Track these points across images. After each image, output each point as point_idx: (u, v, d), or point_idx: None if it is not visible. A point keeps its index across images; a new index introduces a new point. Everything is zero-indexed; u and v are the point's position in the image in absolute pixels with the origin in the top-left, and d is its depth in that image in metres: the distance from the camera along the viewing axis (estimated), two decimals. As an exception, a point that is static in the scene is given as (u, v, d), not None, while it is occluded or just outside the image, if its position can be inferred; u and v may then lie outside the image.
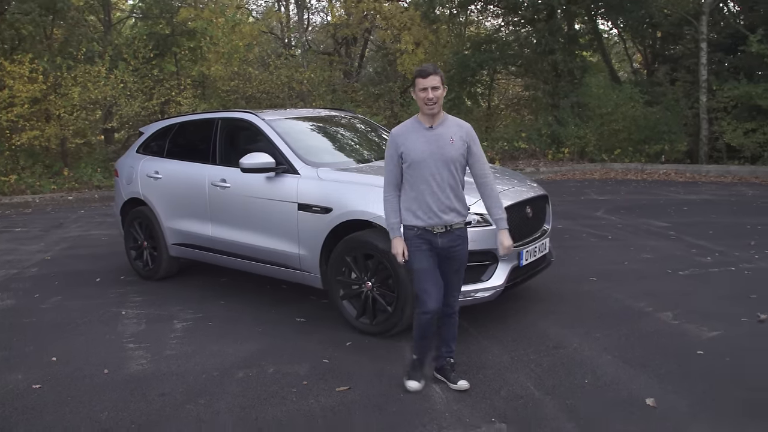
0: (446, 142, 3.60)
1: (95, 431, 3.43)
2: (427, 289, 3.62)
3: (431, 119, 3.64)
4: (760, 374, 3.93)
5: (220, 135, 5.91)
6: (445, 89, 3.64)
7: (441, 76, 3.59)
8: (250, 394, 3.81)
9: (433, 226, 3.62)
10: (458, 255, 3.72)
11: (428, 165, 3.58)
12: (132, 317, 5.41)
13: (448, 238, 3.65)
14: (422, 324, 3.70)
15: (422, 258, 3.65)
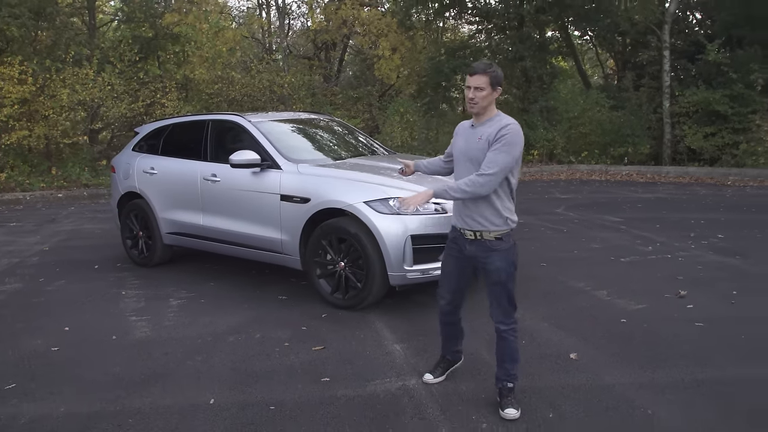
0: (474, 141, 3.48)
1: (110, 381, 4.12)
2: (442, 293, 3.78)
3: (476, 118, 3.52)
4: (665, 335, 4.70)
5: (211, 135, 6.61)
6: (494, 92, 3.43)
7: (491, 76, 3.40)
8: (240, 353, 4.52)
9: (463, 230, 3.56)
10: (491, 269, 3.50)
11: (460, 164, 3.57)
12: (132, 297, 6.08)
13: (476, 248, 3.52)
14: (442, 324, 3.94)
15: (448, 262, 3.72)
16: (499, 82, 3.44)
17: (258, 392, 3.88)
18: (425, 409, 3.62)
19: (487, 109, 3.46)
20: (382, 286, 5.23)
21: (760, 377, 3.94)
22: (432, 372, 3.96)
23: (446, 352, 4.02)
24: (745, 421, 3.40)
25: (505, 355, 3.59)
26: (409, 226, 5.09)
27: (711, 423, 3.40)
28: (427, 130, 17.78)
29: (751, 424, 3.38)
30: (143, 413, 3.65)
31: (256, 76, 17.46)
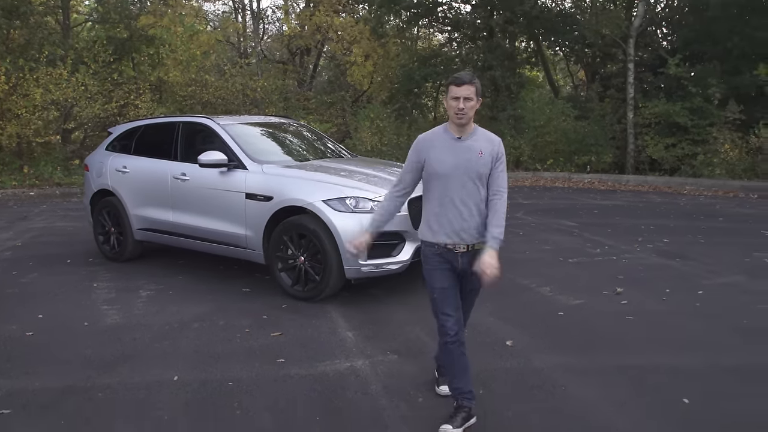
0: (475, 155, 3.37)
1: (82, 361, 4.45)
2: (448, 312, 3.46)
3: (461, 130, 3.41)
4: (596, 327, 5.15)
5: (181, 136, 6.95)
6: (479, 101, 3.38)
7: (477, 86, 3.35)
8: (204, 338, 4.88)
9: (455, 244, 3.43)
10: (474, 277, 3.45)
11: (453, 179, 3.38)
12: (103, 288, 6.40)
13: (468, 259, 3.44)
14: (450, 353, 3.49)
15: (442, 278, 3.48)
16: (482, 94, 3.46)
17: (218, 371, 4.25)
18: (369, 385, 4.01)
19: (471, 120, 3.42)
20: (339, 279, 5.63)
21: (671, 363, 4.39)
22: (450, 422, 3.42)
23: (460, 394, 3.51)
24: (651, 398, 3.84)
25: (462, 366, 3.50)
26: (364, 223, 5.45)
27: (621, 399, 3.83)
28: (397, 135, 18.20)
29: (655, 399, 3.81)
30: (112, 388, 4.00)
31: (229, 79, 17.78)
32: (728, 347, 4.73)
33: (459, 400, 3.50)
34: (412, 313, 5.49)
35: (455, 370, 3.50)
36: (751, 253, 7.86)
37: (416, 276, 6.52)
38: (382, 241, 5.51)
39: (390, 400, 3.81)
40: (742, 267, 7.18)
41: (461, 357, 3.49)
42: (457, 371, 3.50)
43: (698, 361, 4.41)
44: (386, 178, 6.24)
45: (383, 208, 3.69)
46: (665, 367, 4.29)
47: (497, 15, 19.13)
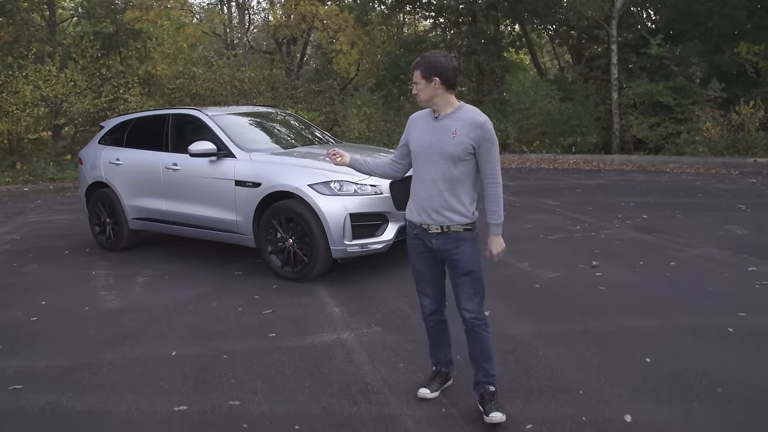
0: (448, 135, 3.31)
1: (85, 341, 4.74)
2: (424, 291, 3.62)
3: (437, 110, 3.38)
4: (569, 297, 5.46)
5: (172, 127, 7.22)
6: (431, 83, 3.28)
7: (421, 69, 3.30)
8: (199, 318, 5.18)
9: (429, 225, 3.42)
10: (459, 260, 3.42)
11: (425, 157, 3.38)
12: (101, 276, 6.68)
13: (443, 240, 3.41)
14: (430, 329, 3.70)
15: (417, 260, 3.58)
16: (435, 72, 3.27)
17: (213, 345, 4.54)
18: (354, 355, 4.32)
19: (437, 100, 3.33)
20: (326, 259, 5.92)
21: (636, 326, 4.70)
22: (428, 386, 3.66)
23: (438, 363, 3.76)
24: (614, 357, 4.15)
25: (481, 354, 3.51)
26: (348, 205, 5.79)
27: (586, 358, 4.14)
28: (385, 121, 18.45)
29: (618, 358, 4.12)
30: (114, 364, 4.29)
31: (217, 71, 17.98)
32: (692, 311, 5.04)
33: (437, 367, 3.74)
34: (395, 289, 5.79)
35: (436, 344, 3.73)
36: (724, 226, 8.16)
37: (400, 255, 6.85)
38: (365, 221, 5.83)
39: (373, 367, 4.12)
40: (714, 239, 7.48)
41: (440, 332, 3.68)
42: (437, 344, 3.72)
43: (662, 324, 4.72)
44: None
45: (377, 160, 3.85)
46: (630, 330, 4.60)
47: (480, 0, 19.34)
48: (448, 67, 3.31)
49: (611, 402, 3.54)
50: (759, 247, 6.92)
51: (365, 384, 3.87)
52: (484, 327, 3.50)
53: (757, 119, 15.57)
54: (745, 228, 7.98)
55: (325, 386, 3.85)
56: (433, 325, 3.67)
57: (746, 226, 8.10)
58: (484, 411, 3.39)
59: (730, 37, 17.52)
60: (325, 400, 3.66)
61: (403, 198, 6.00)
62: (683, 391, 3.64)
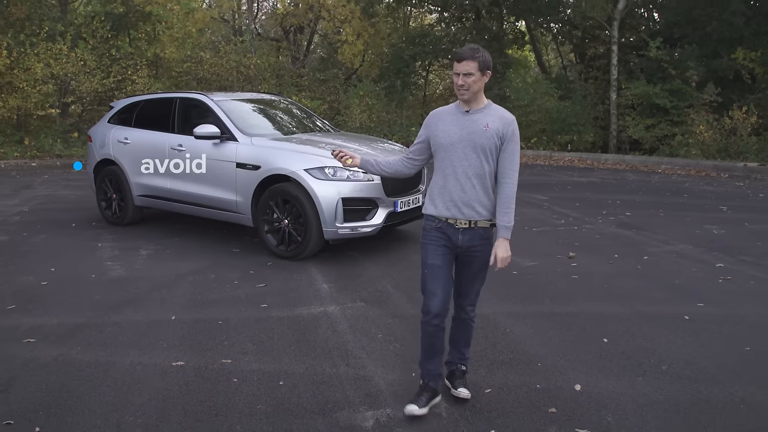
0: (480, 128, 3.33)
1: (92, 304, 5.15)
2: (433, 290, 3.41)
3: (468, 104, 3.37)
4: (543, 283, 5.86)
5: (178, 110, 7.60)
6: (485, 76, 3.31)
7: (479, 61, 3.26)
8: (197, 288, 5.59)
9: (456, 219, 3.38)
10: (478, 257, 3.45)
11: (456, 150, 3.35)
12: (107, 247, 7.08)
13: (470, 236, 3.40)
14: (427, 333, 3.48)
15: (436, 254, 3.43)
16: (488, 66, 3.31)
17: (210, 312, 4.96)
18: (337, 325, 4.73)
19: (478, 95, 3.36)
20: (319, 239, 6.33)
21: (600, 311, 5.10)
22: (416, 402, 3.43)
23: (427, 376, 3.55)
24: (575, 336, 4.55)
25: (462, 340, 3.68)
26: (341, 190, 6.19)
27: (549, 336, 4.55)
28: (386, 113, 18.81)
29: (578, 337, 4.52)
30: (119, 324, 4.70)
31: (224, 56, 18.34)
32: (654, 300, 5.44)
33: (426, 380, 3.53)
34: (381, 270, 6.19)
35: (429, 351, 3.52)
36: (702, 225, 8.55)
37: (389, 239, 7.26)
38: (356, 206, 6.23)
39: (354, 336, 4.52)
40: (690, 237, 7.87)
41: (437, 340, 3.49)
42: (431, 353, 3.52)
43: (624, 311, 5.11)
44: (365, 151, 6.92)
45: (388, 159, 3.74)
46: (594, 315, 5.00)
47: (484, -3, 19.68)
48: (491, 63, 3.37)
49: (565, 373, 3.94)
50: (730, 246, 7.30)
51: (345, 350, 4.28)
52: (474, 319, 3.69)
53: (749, 124, 15.92)
54: (722, 228, 8.36)
55: (309, 350, 4.26)
56: (432, 330, 3.46)
57: (723, 226, 8.48)
58: (453, 386, 3.59)
59: (728, 42, 17.83)
60: (308, 362, 4.07)
61: (393, 186, 6.45)
62: (632, 366, 4.05)
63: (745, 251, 7.06)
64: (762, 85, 17.57)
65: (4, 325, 4.70)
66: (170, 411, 3.43)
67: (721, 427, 3.32)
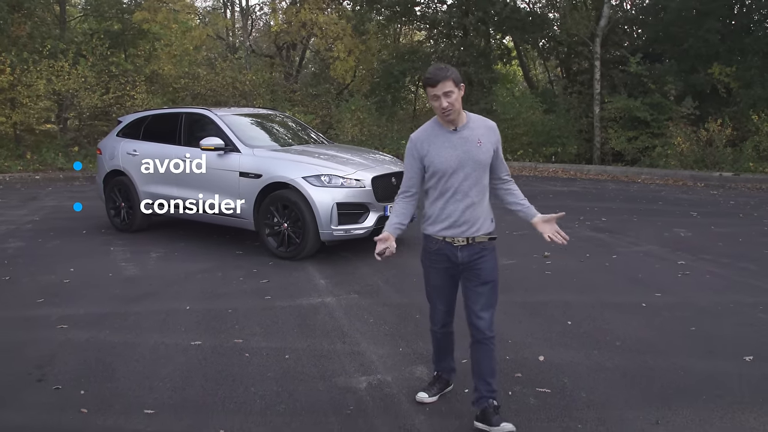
0: (474, 146, 3.33)
1: (112, 298, 5.74)
2: (437, 305, 3.63)
3: (453, 122, 3.33)
4: (518, 278, 6.48)
5: (184, 124, 8.22)
6: (461, 89, 3.27)
7: (453, 78, 3.20)
8: (207, 284, 6.20)
9: (454, 237, 3.39)
10: (482, 267, 3.43)
11: (456, 173, 3.32)
12: (119, 251, 7.67)
13: (468, 252, 3.40)
14: (436, 338, 3.77)
15: (437, 276, 3.53)
16: (461, 79, 3.31)
17: (220, 303, 5.56)
18: (334, 312, 5.35)
19: (460, 112, 3.33)
20: (316, 241, 6.94)
21: (567, 300, 5.72)
22: (427, 390, 3.74)
23: (441, 369, 3.84)
24: (542, 320, 5.18)
25: (486, 368, 3.47)
26: (335, 196, 6.82)
27: (519, 319, 5.19)
28: (377, 126, 19.49)
29: (545, 321, 5.14)
30: (139, 314, 5.31)
31: (220, 73, 19.00)
32: (617, 291, 6.08)
33: (440, 372, 3.84)
34: (372, 268, 6.80)
35: (441, 353, 3.80)
36: (672, 228, 9.20)
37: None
38: (350, 210, 6.87)
39: (349, 320, 5.14)
40: (659, 239, 8.51)
41: (447, 342, 3.74)
42: (442, 353, 3.80)
43: (589, 300, 5.75)
44: (358, 160, 7.59)
45: (399, 210, 3.55)
46: (562, 303, 5.63)
47: (471, 15, 20.42)
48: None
49: (531, 347, 4.57)
50: (694, 246, 7.95)
51: (341, 331, 4.90)
52: (492, 340, 3.47)
53: (724, 136, 16.62)
54: (690, 231, 9.02)
55: (310, 331, 4.88)
56: (441, 336, 3.71)
57: (691, 229, 9.14)
58: (491, 423, 3.36)
59: (705, 58, 18.62)
60: (310, 340, 4.69)
61: (383, 192, 7.08)
62: (590, 342, 4.68)
63: (706, 250, 7.70)
64: (737, 98, 18.32)
65: (37, 314, 5.29)
66: (193, 378, 4.04)
67: (659, 386, 3.95)
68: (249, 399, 3.76)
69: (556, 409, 3.69)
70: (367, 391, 3.89)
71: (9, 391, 3.88)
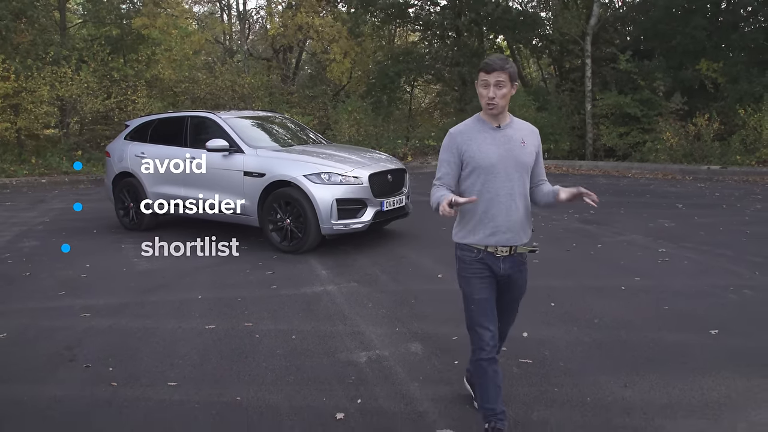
0: (518, 145, 3.15)
1: (129, 290, 6.17)
2: (485, 325, 3.18)
3: (496, 119, 3.15)
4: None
5: (190, 127, 8.65)
6: (514, 88, 3.08)
7: (510, 72, 3.03)
8: (216, 276, 6.62)
9: (497, 246, 3.16)
10: (518, 281, 3.30)
11: (497, 171, 3.10)
12: (130, 248, 8.09)
13: (510, 264, 3.20)
14: (485, 371, 3.17)
15: (482, 287, 3.20)
16: (517, 78, 3.12)
17: (230, 292, 5.99)
18: (335, 298, 5.79)
19: (506, 109, 3.16)
20: (317, 235, 7.38)
21: (552, 284, 6.14)
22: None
23: (493, 416, 3.18)
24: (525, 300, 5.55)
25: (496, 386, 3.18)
26: (335, 192, 7.25)
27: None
28: (374, 126, 19.93)
29: (530, 302, 5.54)
30: (155, 303, 5.74)
31: (219, 76, 19.44)
32: (599, 276, 6.52)
33: (492, 422, 3.18)
34: (371, 260, 7.24)
35: (489, 390, 3.18)
36: (657, 219, 9.65)
37: (375, 236, 8.33)
38: (348, 206, 7.30)
39: (349, 305, 5.57)
40: (643, 229, 8.95)
41: (495, 375, 3.18)
42: (491, 392, 3.18)
43: (573, 284, 6.19)
44: (355, 159, 8.02)
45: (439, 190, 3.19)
46: (547, 287, 6.04)
47: (464, 16, 20.87)
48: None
49: (516, 326, 4.87)
50: (676, 236, 8.39)
51: (343, 315, 5.33)
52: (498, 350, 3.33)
53: (712, 130, 17.08)
54: (673, 222, 9.47)
55: (314, 316, 5.32)
56: (487, 365, 3.17)
57: (675, 220, 9.59)
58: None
59: (693, 54, 19.07)
60: (314, 323, 5.12)
61: (379, 188, 7.52)
62: (569, 320, 5.12)
63: (687, 239, 8.14)
64: (724, 93, 18.77)
65: (60, 305, 5.71)
66: (209, 355, 4.48)
67: (630, 356, 4.39)
68: (261, 372, 4.19)
69: (536, 376, 4.13)
70: (366, 364, 4.31)
71: (45, 370, 4.31)
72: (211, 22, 25.05)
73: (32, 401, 3.84)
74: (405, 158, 18.78)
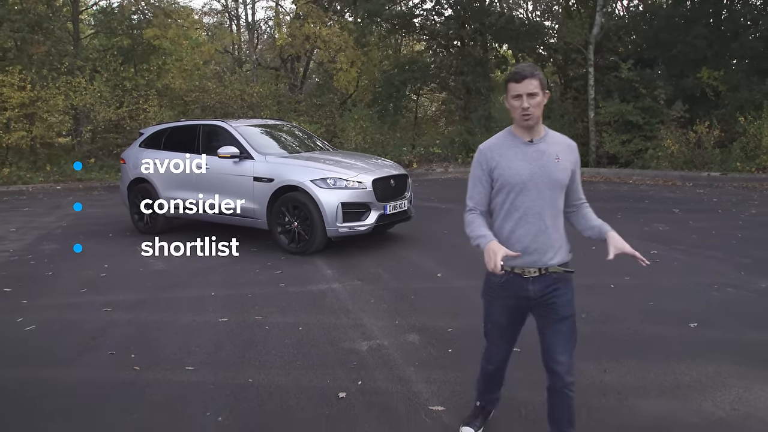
0: (551, 161, 2.96)
1: (146, 288, 6.55)
2: (496, 342, 3.27)
3: (530, 132, 2.97)
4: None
5: (202, 135, 9.05)
6: (546, 96, 2.92)
7: (541, 79, 2.87)
8: (227, 275, 7.01)
9: (524, 268, 3.00)
10: (557, 303, 3.06)
11: (528, 189, 2.94)
12: (145, 250, 8.45)
13: (542, 284, 3.02)
14: (489, 374, 3.42)
15: (501, 312, 3.17)
16: (548, 86, 3.02)
17: (241, 290, 6.38)
18: (340, 295, 6.16)
19: (540, 121, 2.97)
20: (323, 237, 7.76)
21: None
22: (471, 425, 3.49)
23: (486, 401, 3.55)
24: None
25: (564, 418, 3.09)
26: (340, 196, 7.63)
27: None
28: (380, 134, 20.34)
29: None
30: (171, 300, 6.12)
31: (228, 85, 19.91)
32: (590, 275, 6.79)
33: (483, 403, 3.51)
34: (374, 260, 7.61)
35: (490, 386, 3.50)
36: (652, 224, 9.96)
37: (378, 238, 8.71)
38: (353, 209, 7.68)
39: (353, 302, 5.94)
40: (637, 232, 9.27)
41: (498, 377, 3.44)
42: (491, 386, 3.50)
43: (564, 283, 6.52)
44: (360, 165, 8.40)
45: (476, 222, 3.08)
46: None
47: (468, 26, 21.29)
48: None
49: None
50: (669, 239, 8.71)
51: (346, 309, 5.71)
52: (572, 387, 3.07)
53: (713, 137, 17.37)
54: (668, 226, 9.78)
55: (319, 310, 5.70)
56: (493, 371, 3.40)
57: (670, 224, 9.90)
58: None
59: (694, 63, 19.35)
60: (319, 317, 5.50)
61: (382, 192, 7.91)
62: (559, 315, 5.45)
63: (679, 242, 8.47)
64: (725, 101, 19.06)
65: (82, 301, 6.11)
66: (223, 344, 4.86)
67: (612, 345, 4.75)
68: (271, 359, 4.57)
69: (521, 362, 4.46)
70: (367, 352, 4.68)
71: (72, 356, 4.71)
72: (221, 33, 25.56)
73: (62, 383, 4.24)
74: (410, 165, 19.15)
